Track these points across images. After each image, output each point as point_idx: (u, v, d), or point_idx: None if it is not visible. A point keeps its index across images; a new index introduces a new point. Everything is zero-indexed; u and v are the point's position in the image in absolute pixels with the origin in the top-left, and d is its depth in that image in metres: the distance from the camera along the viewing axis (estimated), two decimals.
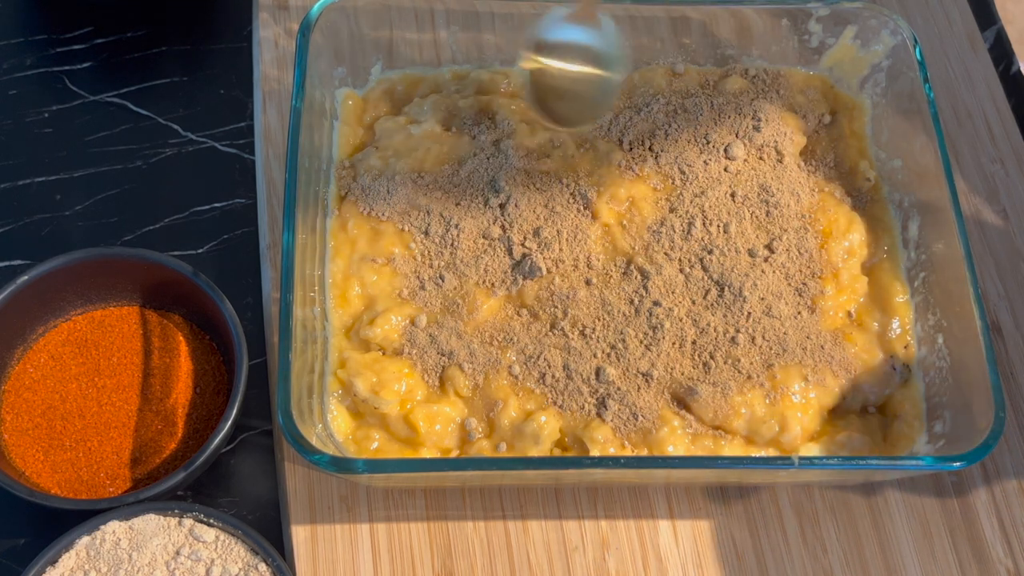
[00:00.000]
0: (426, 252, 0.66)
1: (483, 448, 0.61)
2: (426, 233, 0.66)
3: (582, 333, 0.63)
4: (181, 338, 0.66)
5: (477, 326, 0.64)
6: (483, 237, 0.66)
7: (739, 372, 0.63)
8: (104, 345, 0.65)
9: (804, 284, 0.66)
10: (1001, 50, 0.84)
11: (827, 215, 0.68)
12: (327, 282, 0.65)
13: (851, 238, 0.67)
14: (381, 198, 0.67)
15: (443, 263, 0.65)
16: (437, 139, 0.69)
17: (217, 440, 0.60)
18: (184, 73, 0.80)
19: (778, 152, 0.70)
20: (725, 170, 0.69)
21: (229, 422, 0.60)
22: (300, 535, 0.63)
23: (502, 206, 0.67)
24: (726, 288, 0.65)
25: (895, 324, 0.65)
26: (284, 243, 0.61)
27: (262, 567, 0.58)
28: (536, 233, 0.66)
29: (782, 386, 0.62)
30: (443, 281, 0.65)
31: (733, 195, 0.68)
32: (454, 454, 0.62)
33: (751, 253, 0.66)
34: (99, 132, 0.77)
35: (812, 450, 0.62)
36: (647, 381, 0.62)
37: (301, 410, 0.57)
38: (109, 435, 0.63)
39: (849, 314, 0.66)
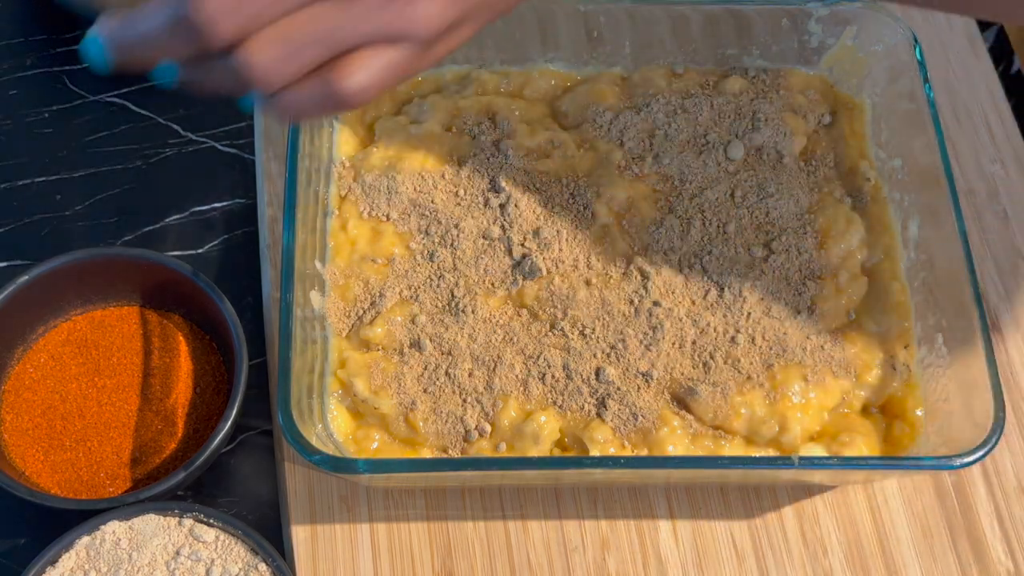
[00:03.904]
0: (426, 252, 0.66)
1: (483, 448, 0.61)
2: (426, 233, 0.66)
3: (582, 333, 0.63)
4: (181, 338, 0.66)
5: (477, 326, 0.64)
6: (483, 237, 0.66)
7: (739, 372, 0.63)
8: (104, 345, 0.65)
9: (804, 284, 0.66)
10: (1001, 50, 0.84)
11: (827, 215, 0.68)
12: (327, 282, 0.65)
13: (851, 238, 0.67)
14: (381, 198, 0.67)
15: (443, 263, 0.65)
16: (437, 139, 0.69)
17: (217, 440, 0.60)
18: None
19: (778, 152, 0.70)
20: (725, 170, 0.69)
21: (229, 422, 0.60)
22: (300, 535, 0.63)
23: (502, 206, 0.67)
24: (726, 288, 0.65)
25: (895, 324, 0.65)
26: (284, 243, 0.61)
27: (262, 567, 0.58)
28: (536, 233, 0.66)
29: (782, 386, 0.62)
30: (443, 281, 0.65)
31: (733, 195, 0.68)
32: (454, 454, 0.62)
33: (751, 253, 0.66)
34: (99, 132, 0.77)
35: (812, 450, 0.62)
36: (647, 381, 0.62)
37: (301, 410, 0.57)
38: (109, 435, 0.63)
39: (849, 314, 0.66)
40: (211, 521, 0.59)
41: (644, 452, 0.61)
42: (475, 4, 0.48)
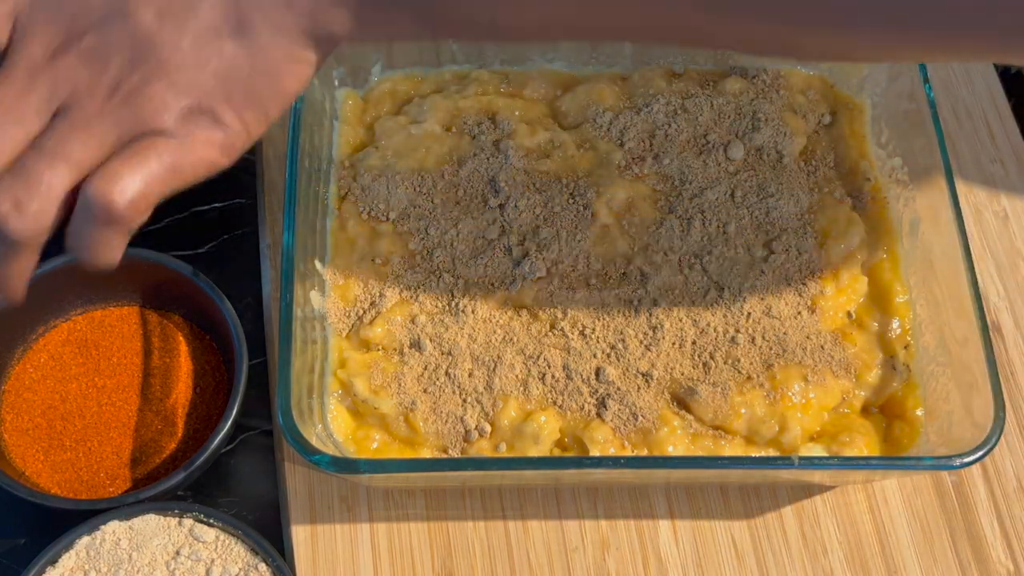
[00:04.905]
0: (426, 252, 0.66)
1: (483, 448, 0.61)
2: (426, 233, 0.66)
3: (582, 333, 0.63)
4: (181, 338, 0.66)
5: (477, 326, 0.64)
6: (483, 237, 0.66)
7: (739, 372, 0.63)
8: (104, 345, 0.65)
9: (804, 284, 0.66)
10: None
11: (827, 215, 0.68)
12: (327, 282, 0.65)
13: (851, 238, 0.67)
14: (381, 198, 0.67)
15: (443, 263, 0.65)
16: (437, 139, 0.69)
17: (217, 440, 0.60)
18: None
19: (778, 152, 0.70)
20: (725, 170, 0.69)
21: (229, 422, 0.60)
22: (300, 535, 0.63)
23: (502, 206, 0.67)
24: (726, 288, 0.65)
25: (895, 324, 0.65)
26: (284, 243, 0.61)
27: (262, 567, 0.58)
28: (536, 233, 0.66)
29: (782, 386, 0.62)
30: (443, 281, 0.65)
31: (733, 195, 0.68)
32: (454, 454, 0.62)
33: (751, 253, 0.66)
34: None
35: (812, 450, 0.62)
36: (647, 381, 0.62)
37: (301, 410, 0.57)
38: (109, 435, 0.63)
39: (849, 314, 0.66)
40: (211, 521, 0.59)
41: (644, 452, 0.61)
42: (211, 91, 0.47)
